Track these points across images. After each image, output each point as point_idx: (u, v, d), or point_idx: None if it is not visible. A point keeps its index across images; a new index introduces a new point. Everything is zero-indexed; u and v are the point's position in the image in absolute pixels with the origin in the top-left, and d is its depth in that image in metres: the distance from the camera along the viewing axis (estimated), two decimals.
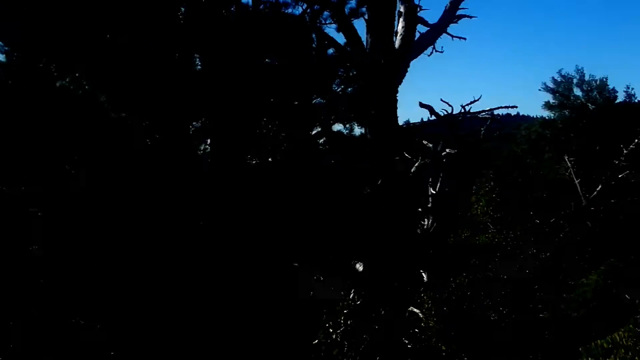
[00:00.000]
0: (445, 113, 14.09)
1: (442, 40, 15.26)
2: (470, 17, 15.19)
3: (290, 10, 11.60)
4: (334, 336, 8.07)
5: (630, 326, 7.19)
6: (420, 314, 16.69)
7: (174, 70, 10.04)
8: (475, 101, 14.34)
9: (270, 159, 10.55)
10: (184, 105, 9.61)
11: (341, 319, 8.17)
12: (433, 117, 14.13)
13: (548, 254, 19.43)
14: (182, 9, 10.89)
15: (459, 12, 14.98)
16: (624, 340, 6.96)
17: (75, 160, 8.57)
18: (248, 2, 11.48)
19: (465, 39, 15.52)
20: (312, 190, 10.88)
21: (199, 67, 10.62)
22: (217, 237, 9.42)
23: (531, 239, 19.42)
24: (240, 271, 9.43)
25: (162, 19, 10.31)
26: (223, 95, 9.98)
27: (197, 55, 10.57)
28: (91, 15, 9.03)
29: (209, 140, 10.25)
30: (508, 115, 17.60)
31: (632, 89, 37.44)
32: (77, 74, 8.89)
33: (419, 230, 14.85)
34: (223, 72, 10.42)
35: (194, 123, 10.23)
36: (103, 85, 8.83)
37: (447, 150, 13.23)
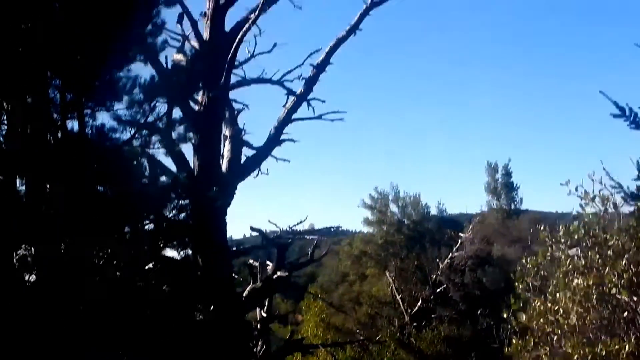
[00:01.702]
0: (275, 234, 15.29)
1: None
2: (294, 141, 16.87)
3: (117, 136, 12.21)
4: None
5: None
6: None
7: None
8: (301, 222, 15.78)
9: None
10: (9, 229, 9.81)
11: None
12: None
13: None
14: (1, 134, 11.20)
15: (282, 137, 16.60)
16: None
17: None
18: (73, 128, 11.95)
19: (289, 161, 17.18)
20: (141, 317, 11.21)
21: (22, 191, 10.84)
22: None
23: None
24: None
25: None
26: (50, 222, 10.29)
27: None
28: None
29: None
30: (329, 229, 19.25)
31: (443, 204, 42.19)
32: None
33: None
34: (49, 198, 10.76)
35: (20, 250, 10.34)
36: None
37: (279, 273, 14.26)
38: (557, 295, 7.05)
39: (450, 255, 34.44)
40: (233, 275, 15.19)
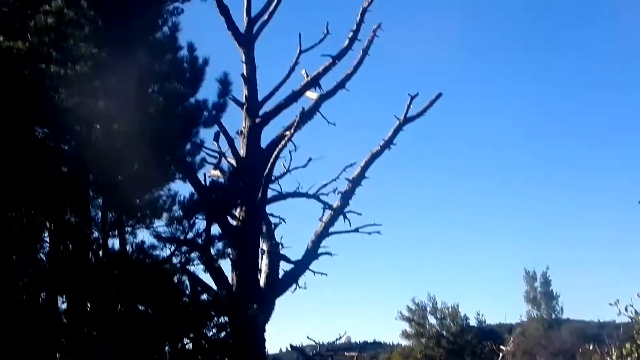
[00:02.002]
0: (314, 350, 15.07)
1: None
2: (331, 254, 16.81)
3: (158, 253, 12.34)
4: None
5: None
6: None
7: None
8: (340, 337, 15.59)
9: None
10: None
11: None
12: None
13: None
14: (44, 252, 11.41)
15: (320, 251, 16.59)
16: None
17: None
18: (114, 245, 12.11)
19: (326, 274, 17.04)
20: None
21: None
22: None
23: None
24: None
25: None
26: (91, 340, 10.31)
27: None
28: None
29: None
30: (365, 342, 18.99)
31: (482, 314, 41.23)
32: None
33: None
34: (90, 316, 10.82)
35: None
36: None
37: None
38: None
39: None
40: None
